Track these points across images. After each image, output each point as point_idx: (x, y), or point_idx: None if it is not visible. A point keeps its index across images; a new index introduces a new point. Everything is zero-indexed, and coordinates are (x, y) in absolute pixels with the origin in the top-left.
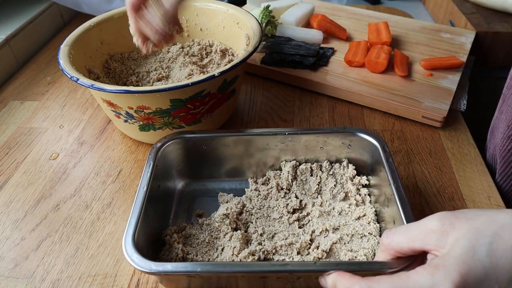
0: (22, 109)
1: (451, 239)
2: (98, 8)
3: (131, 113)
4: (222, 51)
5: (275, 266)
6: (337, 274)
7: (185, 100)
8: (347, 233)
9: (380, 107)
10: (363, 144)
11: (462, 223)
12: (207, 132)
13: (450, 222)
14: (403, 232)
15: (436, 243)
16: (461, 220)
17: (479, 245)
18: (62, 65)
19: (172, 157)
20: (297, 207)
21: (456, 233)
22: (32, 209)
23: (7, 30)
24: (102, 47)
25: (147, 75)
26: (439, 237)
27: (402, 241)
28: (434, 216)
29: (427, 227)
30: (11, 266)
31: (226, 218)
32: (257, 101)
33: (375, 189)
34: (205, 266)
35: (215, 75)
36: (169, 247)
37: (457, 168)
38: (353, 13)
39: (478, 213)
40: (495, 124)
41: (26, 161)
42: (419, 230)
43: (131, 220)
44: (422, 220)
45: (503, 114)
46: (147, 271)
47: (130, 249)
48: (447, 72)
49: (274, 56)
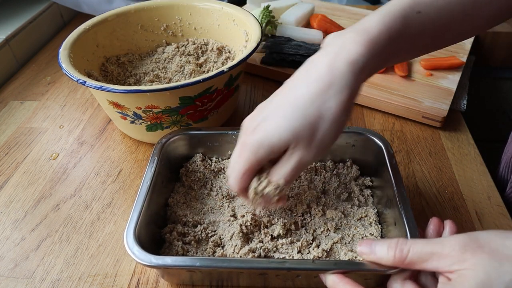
0: (22, 109)
1: (468, 265)
2: (98, 8)
3: (139, 114)
4: (218, 49)
5: (274, 263)
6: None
7: (194, 97)
8: (348, 233)
9: (380, 107)
10: (367, 145)
11: (484, 253)
12: (212, 129)
13: (472, 251)
14: (419, 251)
15: (450, 267)
16: (483, 250)
17: (498, 282)
18: (66, 68)
19: (177, 153)
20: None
21: (475, 261)
22: (32, 209)
23: (7, 30)
24: (98, 50)
25: (144, 76)
26: (455, 262)
27: (415, 261)
28: (455, 241)
29: (444, 251)
30: (11, 266)
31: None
32: (257, 101)
33: (378, 190)
34: (204, 261)
35: (224, 71)
36: (169, 244)
37: (457, 168)
38: (353, 13)
39: (505, 244)
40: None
41: (26, 161)
42: (435, 252)
43: (133, 214)
44: (441, 241)
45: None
46: (147, 264)
47: (131, 242)
48: (447, 72)
49: (274, 56)
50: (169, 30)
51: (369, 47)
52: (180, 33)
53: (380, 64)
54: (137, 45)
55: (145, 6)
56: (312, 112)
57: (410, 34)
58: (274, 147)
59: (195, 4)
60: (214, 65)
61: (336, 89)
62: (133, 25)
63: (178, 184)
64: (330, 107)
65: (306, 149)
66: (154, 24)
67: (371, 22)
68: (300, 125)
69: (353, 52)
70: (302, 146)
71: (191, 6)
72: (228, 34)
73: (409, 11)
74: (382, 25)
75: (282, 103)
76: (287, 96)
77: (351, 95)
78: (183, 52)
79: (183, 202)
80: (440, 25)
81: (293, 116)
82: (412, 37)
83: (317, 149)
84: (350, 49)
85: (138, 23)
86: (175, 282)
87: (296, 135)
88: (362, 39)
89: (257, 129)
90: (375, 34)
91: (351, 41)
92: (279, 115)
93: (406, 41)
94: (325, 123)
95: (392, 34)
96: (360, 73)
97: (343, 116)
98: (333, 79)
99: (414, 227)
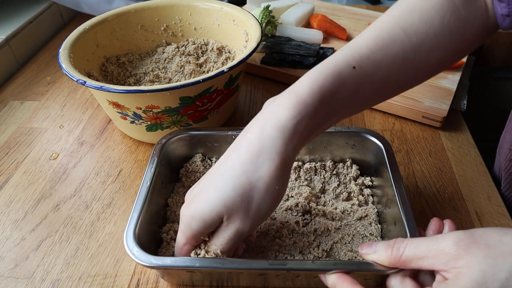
0: (22, 109)
1: (462, 263)
2: (98, 8)
3: (139, 114)
4: (218, 49)
5: (273, 264)
6: (338, 277)
7: (194, 98)
8: (348, 233)
9: (380, 107)
10: (367, 145)
11: (479, 250)
12: (212, 129)
13: (466, 247)
14: (413, 248)
15: (445, 265)
16: (479, 246)
17: (492, 280)
18: (66, 68)
19: (177, 153)
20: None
21: (470, 259)
22: (32, 209)
23: (7, 30)
24: (98, 50)
25: (144, 76)
26: (449, 259)
27: (411, 259)
28: (450, 237)
29: (439, 248)
30: (11, 266)
31: None
32: (257, 101)
33: (378, 190)
34: (204, 261)
35: (224, 71)
36: (166, 244)
37: (457, 168)
38: (353, 13)
39: (502, 240)
40: (501, 142)
41: (26, 161)
42: (429, 249)
43: (133, 215)
44: (436, 238)
45: (508, 134)
46: (146, 264)
47: (131, 242)
48: (447, 72)
49: (274, 56)
50: (169, 30)
51: (299, 109)
52: (180, 33)
53: (317, 125)
54: (137, 45)
55: (145, 6)
56: (242, 182)
57: (347, 90)
58: (206, 220)
59: (195, 4)
60: (214, 65)
61: (266, 157)
62: (133, 25)
63: (178, 185)
64: (261, 176)
65: (242, 221)
66: (154, 24)
67: (302, 83)
68: (231, 197)
69: (282, 117)
70: (236, 217)
71: (191, 6)
72: (228, 34)
73: (344, 67)
74: (314, 84)
75: (214, 175)
76: (219, 167)
77: (283, 162)
78: (183, 52)
79: (182, 202)
80: (379, 78)
81: (223, 187)
82: (350, 93)
83: (253, 220)
84: (279, 114)
85: (138, 23)
86: (175, 283)
87: (227, 207)
88: (290, 102)
89: (190, 203)
90: (305, 96)
91: (279, 105)
92: (211, 187)
93: (344, 97)
94: (258, 193)
95: (325, 93)
96: (291, 137)
97: (276, 184)
98: (262, 146)
99: (413, 227)
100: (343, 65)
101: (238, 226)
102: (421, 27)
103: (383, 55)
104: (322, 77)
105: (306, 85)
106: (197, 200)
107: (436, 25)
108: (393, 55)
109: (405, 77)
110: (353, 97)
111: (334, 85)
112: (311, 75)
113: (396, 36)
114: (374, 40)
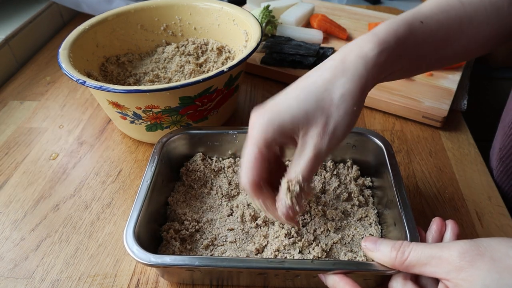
0: (22, 109)
1: (465, 275)
2: (98, 8)
3: (139, 114)
4: (218, 49)
5: (273, 263)
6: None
7: (194, 97)
8: (348, 234)
9: (380, 107)
10: (368, 145)
11: (484, 263)
12: (213, 129)
13: (470, 259)
14: (418, 254)
15: (447, 274)
16: (484, 259)
17: None
18: (65, 68)
19: (178, 152)
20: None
21: (473, 272)
22: (32, 209)
23: (7, 30)
24: (98, 50)
25: (144, 76)
26: (452, 269)
27: (414, 264)
28: (455, 247)
29: (443, 257)
30: (11, 266)
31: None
32: (257, 101)
33: (378, 191)
34: (203, 260)
35: (224, 71)
36: (166, 243)
37: (457, 168)
38: (353, 13)
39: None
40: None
41: (26, 161)
42: (433, 256)
43: (133, 213)
44: (441, 246)
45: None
46: (146, 263)
47: (131, 241)
48: (448, 72)
49: (274, 56)
50: (169, 30)
51: (379, 45)
52: (180, 33)
53: (391, 63)
54: (137, 45)
55: (145, 6)
56: (324, 97)
57: (414, 41)
58: (286, 127)
59: (195, 4)
60: (214, 65)
61: (348, 78)
62: (133, 25)
63: (178, 183)
64: (342, 94)
65: (320, 136)
66: (154, 24)
67: (379, 28)
68: (312, 109)
69: (364, 48)
70: (315, 132)
71: (191, 6)
72: (228, 34)
73: (413, 20)
74: (390, 29)
75: (294, 88)
76: (300, 82)
77: (363, 86)
78: (183, 52)
79: (182, 201)
80: (440, 38)
81: (306, 98)
82: (416, 45)
83: (330, 138)
84: (362, 46)
85: (138, 23)
86: (175, 281)
87: (308, 118)
88: (372, 39)
89: (267, 110)
90: (383, 36)
91: (361, 40)
92: (291, 97)
93: (411, 47)
94: (337, 110)
95: (399, 37)
96: (371, 67)
97: (355, 104)
98: (346, 69)
99: (413, 228)
100: (412, 20)
101: (316, 142)
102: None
103: (444, 17)
104: (396, 25)
105: (384, 29)
106: (276, 107)
107: (486, 1)
108: (452, 19)
109: (459, 43)
110: (419, 49)
111: (406, 32)
112: (387, 23)
113: (454, 4)
114: (436, 5)
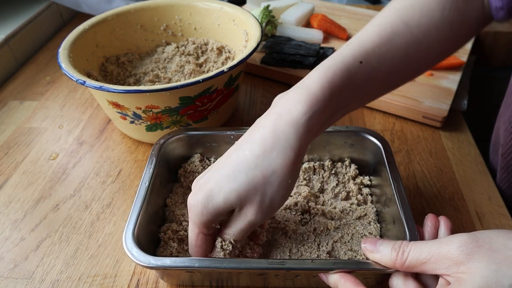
0: (22, 109)
1: (465, 269)
2: (98, 8)
3: (138, 114)
4: (218, 49)
5: (272, 263)
6: (341, 277)
7: (194, 97)
8: (348, 232)
9: (380, 107)
10: (365, 144)
11: (482, 255)
12: (210, 129)
13: (468, 251)
14: (417, 253)
15: (447, 269)
16: (482, 251)
17: (495, 287)
18: (65, 68)
19: (175, 154)
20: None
21: (472, 265)
22: (32, 210)
23: (7, 30)
24: (98, 50)
25: (144, 76)
26: (451, 264)
27: (414, 264)
28: (453, 241)
29: (441, 253)
30: (11, 267)
31: None
32: (257, 101)
33: (377, 189)
34: (203, 261)
35: (224, 71)
36: (164, 244)
37: (457, 168)
38: (353, 13)
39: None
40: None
41: (26, 161)
42: (432, 253)
43: (132, 215)
44: (439, 242)
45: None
46: (145, 265)
47: (130, 243)
48: (448, 72)
49: (274, 56)
50: (169, 30)
51: (311, 104)
52: (180, 33)
53: (327, 118)
54: (137, 45)
55: (145, 6)
56: (256, 175)
57: (355, 84)
58: (220, 209)
59: (195, 4)
60: (214, 65)
61: (279, 151)
62: (133, 25)
63: (176, 185)
64: (274, 171)
65: (255, 213)
66: (154, 24)
67: (312, 79)
68: (245, 189)
69: (294, 112)
70: (249, 209)
71: (191, 6)
72: (228, 34)
73: (352, 62)
74: (324, 80)
75: (225, 166)
76: (229, 159)
77: (296, 157)
78: (183, 52)
79: (181, 202)
80: (383, 71)
81: (236, 179)
82: (358, 87)
83: (266, 212)
84: (291, 109)
85: (138, 23)
86: (175, 283)
87: (241, 199)
88: (302, 98)
89: (199, 191)
90: (316, 91)
91: (291, 100)
92: (223, 176)
93: (353, 92)
94: (271, 186)
95: (335, 88)
96: (303, 132)
97: (289, 178)
98: (276, 141)
99: (412, 226)
100: (350, 60)
101: (250, 218)
102: (422, 20)
103: (387, 49)
104: (332, 73)
105: (317, 81)
106: (208, 189)
107: (436, 18)
108: (396, 49)
109: (407, 69)
110: (361, 90)
111: (343, 79)
112: (321, 70)
113: (398, 30)
114: (378, 35)
